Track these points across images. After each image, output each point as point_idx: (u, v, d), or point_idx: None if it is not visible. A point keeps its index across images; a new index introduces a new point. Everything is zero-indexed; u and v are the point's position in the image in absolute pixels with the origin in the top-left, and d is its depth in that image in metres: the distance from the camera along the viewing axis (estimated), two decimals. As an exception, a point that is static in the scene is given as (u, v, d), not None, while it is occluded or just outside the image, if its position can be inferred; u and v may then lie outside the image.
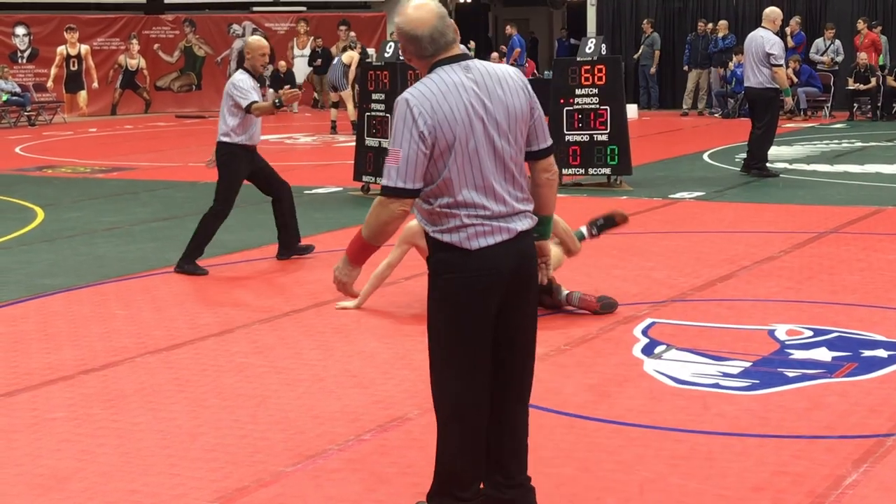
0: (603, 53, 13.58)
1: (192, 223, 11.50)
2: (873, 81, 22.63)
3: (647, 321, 7.25)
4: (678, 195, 12.77)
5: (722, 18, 25.25)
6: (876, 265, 8.83)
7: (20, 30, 27.18)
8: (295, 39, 29.01)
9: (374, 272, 7.66)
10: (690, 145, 18.50)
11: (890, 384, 5.93)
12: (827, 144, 18.28)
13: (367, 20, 29.09)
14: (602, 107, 13.31)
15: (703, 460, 4.92)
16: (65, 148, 20.14)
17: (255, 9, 29.45)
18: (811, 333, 6.91)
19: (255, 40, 9.37)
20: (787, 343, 6.73)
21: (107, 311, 7.88)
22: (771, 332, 6.95)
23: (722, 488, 4.61)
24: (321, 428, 5.42)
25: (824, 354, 6.48)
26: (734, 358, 6.42)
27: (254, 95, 8.99)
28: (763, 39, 13.88)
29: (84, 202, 13.30)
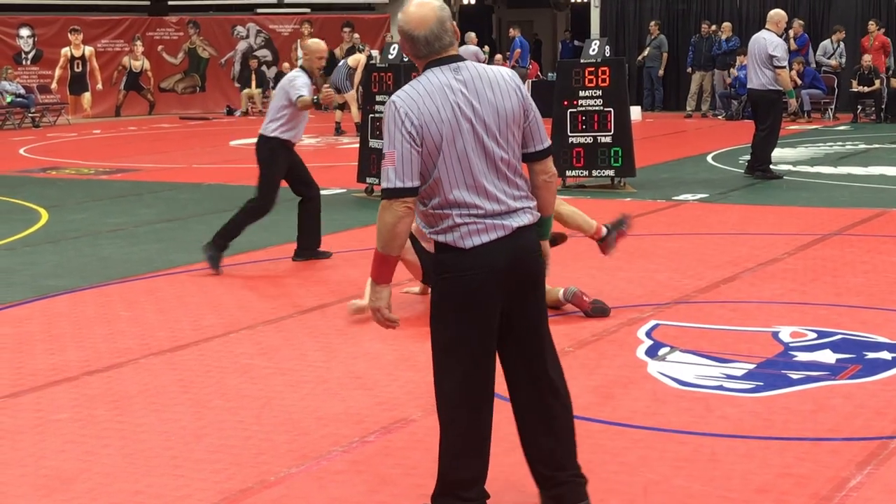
0: (607, 55, 13.59)
1: (196, 224, 11.55)
2: (877, 83, 22.62)
3: (651, 323, 7.25)
4: (682, 197, 12.76)
5: (726, 20, 25.25)
6: (880, 267, 8.83)
7: (24, 31, 27.22)
8: (299, 41, 29.01)
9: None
10: (694, 147, 18.50)
11: (894, 386, 5.93)
12: (831, 146, 18.28)
13: (371, 22, 29.10)
14: (606, 109, 13.31)
15: (707, 462, 4.92)
16: (69, 149, 20.16)
17: (260, 10, 29.48)
18: (815, 335, 6.91)
19: (314, 43, 9.67)
20: (791, 345, 6.73)
21: (111, 313, 7.89)
22: (775, 335, 6.95)
23: (726, 490, 4.61)
24: (325, 429, 5.42)
25: (828, 356, 6.48)
26: (738, 360, 6.42)
27: (304, 91, 9.22)
28: (766, 41, 13.88)
29: (88, 203, 13.32)
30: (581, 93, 13.37)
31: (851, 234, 10.23)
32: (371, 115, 12.96)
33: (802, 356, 6.50)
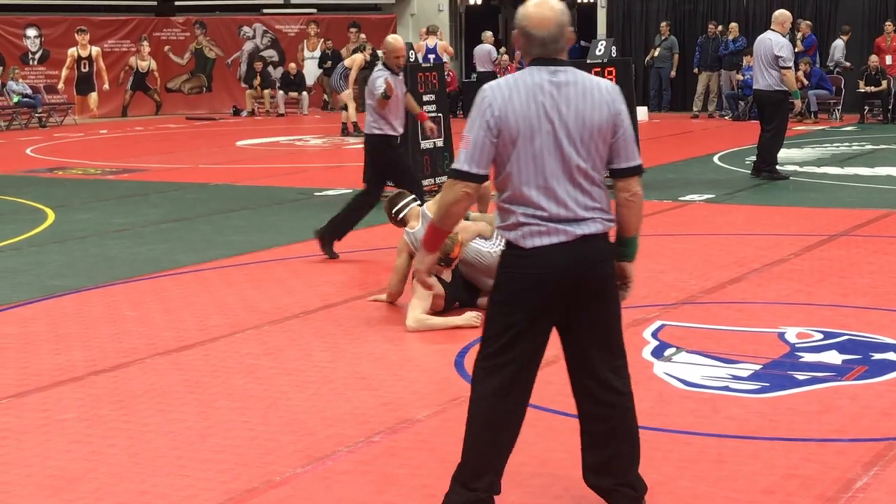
0: (613, 56, 13.58)
1: (203, 224, 11.57)
2: (884, 84, 22.58)
3: (657, 324, 7.24)
4: (688, 197, 12.75)
5: (732, 21, 25.18)
6: (887, 268, 8.81)
7: (31, 31, 27.26)
8: (305, 41, 29.04)
9: (388, 289, 7.86)
10: (700, 148, 18.48)
11: (900, 387, 5.92)
12: (837, 147, 18.25)
13: (378, 22, 29.09)
14: (612, 109, 13.27)
15: (713, 463, 4.92)
16: (75, 149, 20.19)
17: (266, 11, 29.49)
18: (821, 336, 6.90)
19: (394, 40, 10.08)
20: (798, 346, 6.72)
21: (117, 313, 7.89)
22: (781, 335, 6.94)
23: (732, 491, 4.61)
24: (331, 430, 5.42)
25: (834, 357, 6.47)
26: (744, 361, 6.41)
27: (379, 88, 9.67)
28: (772, 42, 13.86)
29: (94, 203, 13.33)
30: (587, 93, 13.32)
31: (858, 235, 10.21)
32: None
33: (809, 357, 6.49)
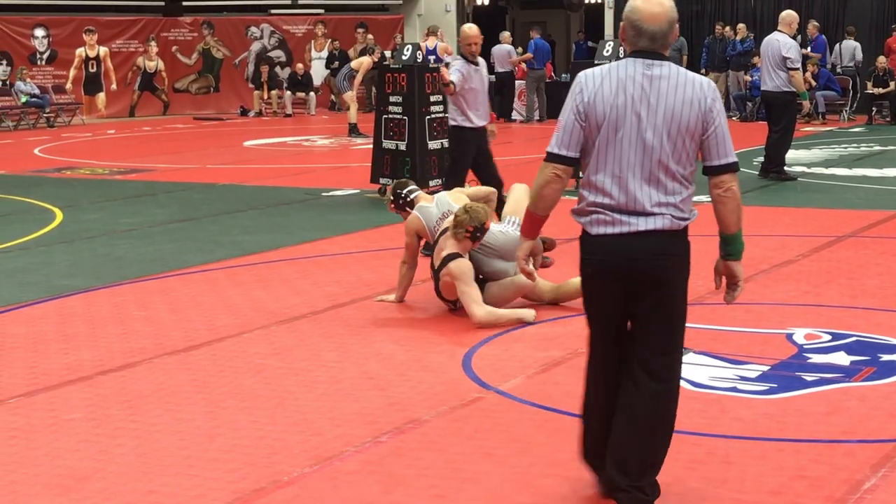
0: (621, 56, 13.56)
1: (210, 224, 11.58)
2: (892, 85, 22.54)
3: (665, 324, 7.23)
4: (695, 198, 12.71)
5: (740, 21, 25.16)
6: (895, 269, 8.80)
7: (39, 31, 27.30)
8: (312, 42, 29.07)
9: (399, 279, 7.86)
10: (708, 148, 18.42)
11: (909, 389, 5.91)
12: (845, 148, 18.23)
13: (385, 23, 29.12)
14: (620, 110, 13.28)
15: (721, 464, 4.91)
16: (83, 149, 20.22)
17: (274, 11, 29.52)
18: (829, 337, 6.89)
19: (468, 27, 10.36)
20: (806, 347, 6.71)
21: (125, 312, 7.90)
22: (789, 336, 6.93)
23: (740, 492, 4.60)
24: (338, 430, 5.42)
25: (843, 358, 6.46)
26: (752, 362, 6.40)
27: (454, 77, 9.90)
28: (779, 43, 13.84)
29: (102, 203, 13.35)
30: (595, 94, 13.33)
31: (866, 236, 10.20)
32: (385, 117, 12.93)
33: (817, 358, 6.48)
